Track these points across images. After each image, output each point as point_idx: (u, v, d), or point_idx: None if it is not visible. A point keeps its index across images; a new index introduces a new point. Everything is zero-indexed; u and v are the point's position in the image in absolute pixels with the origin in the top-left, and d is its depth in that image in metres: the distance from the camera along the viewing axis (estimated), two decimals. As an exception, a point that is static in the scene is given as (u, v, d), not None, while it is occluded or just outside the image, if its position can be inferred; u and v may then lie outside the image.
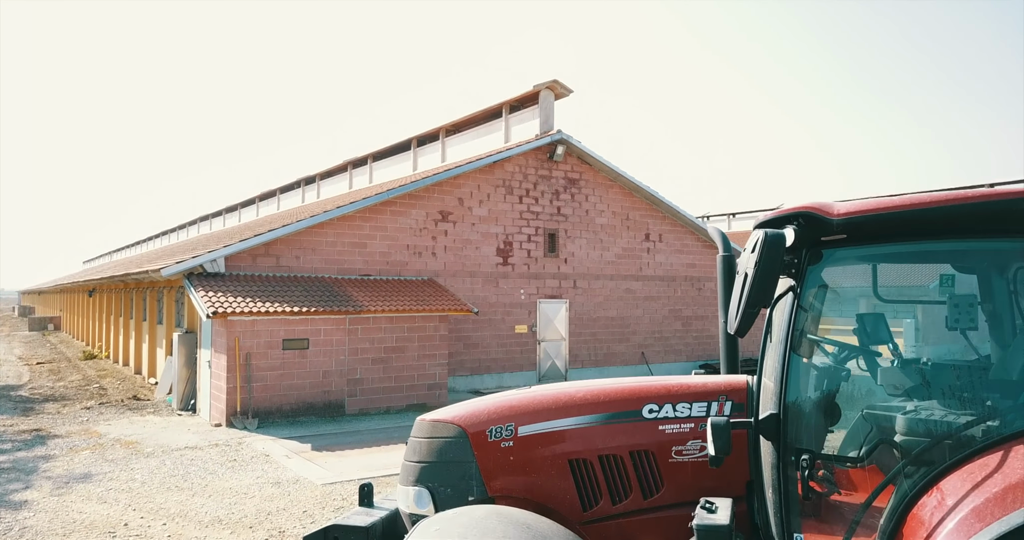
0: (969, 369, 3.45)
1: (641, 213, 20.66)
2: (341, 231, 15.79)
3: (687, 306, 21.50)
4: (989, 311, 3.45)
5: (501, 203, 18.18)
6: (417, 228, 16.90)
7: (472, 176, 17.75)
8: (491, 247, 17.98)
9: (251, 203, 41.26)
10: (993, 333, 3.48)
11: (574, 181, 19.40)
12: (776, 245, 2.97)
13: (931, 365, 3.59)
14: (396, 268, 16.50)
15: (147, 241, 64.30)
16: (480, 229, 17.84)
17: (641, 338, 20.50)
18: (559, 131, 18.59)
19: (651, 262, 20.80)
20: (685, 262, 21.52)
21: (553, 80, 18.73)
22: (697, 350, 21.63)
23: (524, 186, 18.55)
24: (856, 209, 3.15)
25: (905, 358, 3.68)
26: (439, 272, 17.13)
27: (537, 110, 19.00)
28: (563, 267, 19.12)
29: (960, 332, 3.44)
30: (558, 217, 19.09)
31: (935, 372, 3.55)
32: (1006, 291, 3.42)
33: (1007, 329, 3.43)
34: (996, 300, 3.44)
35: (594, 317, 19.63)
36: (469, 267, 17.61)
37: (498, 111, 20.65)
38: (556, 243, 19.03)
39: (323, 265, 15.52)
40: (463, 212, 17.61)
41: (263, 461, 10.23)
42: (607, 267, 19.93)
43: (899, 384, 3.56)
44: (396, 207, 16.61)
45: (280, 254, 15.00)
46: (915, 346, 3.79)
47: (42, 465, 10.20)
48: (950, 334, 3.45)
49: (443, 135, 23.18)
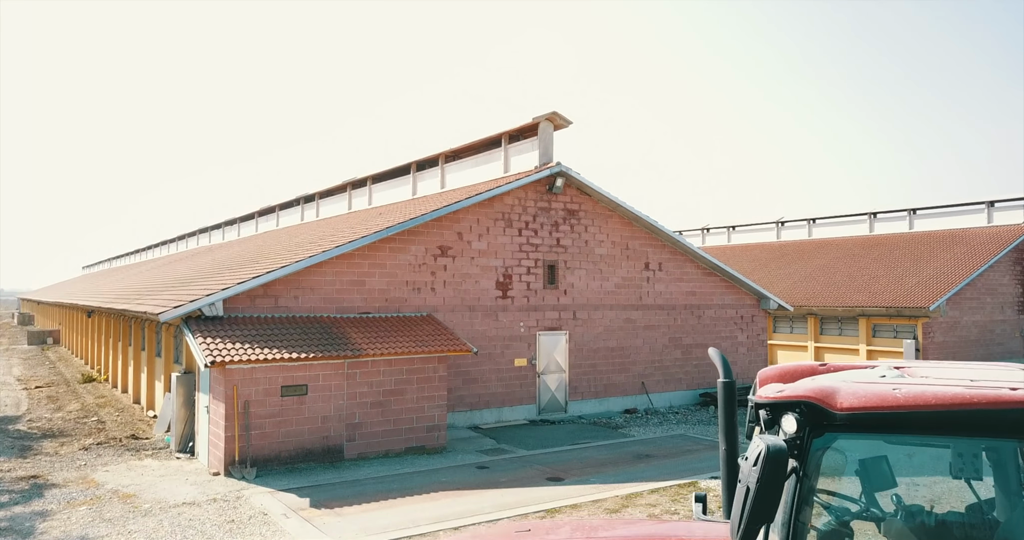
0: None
1: (640, 242, 20.62)
2: (340, 269, 15.75)
3: (687, 334, 21.46)
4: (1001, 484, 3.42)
5: (500, 236, 18.13)
6: (416, 264, 16.86)
7: (472, 210, 17.70)
8: (490, 280, 17.94)
9: (250, 218, 41.21)
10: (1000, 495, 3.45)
11: (573, 212, 19.36)
12: (779, 462, 2.92)
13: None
14: (395, 305, 16.45)
15: (147, 250, 64.27)
16: (479, 263, 17.79)
17: (641, 368, 20.45)
18: (559, 163, 18.54)
19: (651, 291, 20.76)
20: (685, 290, 21.48)
21: (553, 112, 18.69)
22: (697, 378, 21.58)
23: (524, 218, 18.51)
24: (860, 404, 3.10)
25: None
26: (438, 307, 17.08)
27: (536, 141, 18.96)
28: (563, 298, 19.08)
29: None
30: (557, 248, 19.04)
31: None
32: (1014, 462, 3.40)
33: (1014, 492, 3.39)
34: (1004, 468, 3.42)
35: (594, 348, 19.58)
36: (468, 301, 17.56)
37: (497, 140, 20.60)
38: (556, 274, 18.99)
39: (322, 304, 15.47)
40: (462, 246, 17.57)
41: (261, 523, 10.18)
42: (607, 297, 19.88)
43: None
44: (395, 243, 16.56)
45: (279, 294, 14.95)
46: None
47: (39, 525, 10.14)
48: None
49: (443, 161, 23.14)
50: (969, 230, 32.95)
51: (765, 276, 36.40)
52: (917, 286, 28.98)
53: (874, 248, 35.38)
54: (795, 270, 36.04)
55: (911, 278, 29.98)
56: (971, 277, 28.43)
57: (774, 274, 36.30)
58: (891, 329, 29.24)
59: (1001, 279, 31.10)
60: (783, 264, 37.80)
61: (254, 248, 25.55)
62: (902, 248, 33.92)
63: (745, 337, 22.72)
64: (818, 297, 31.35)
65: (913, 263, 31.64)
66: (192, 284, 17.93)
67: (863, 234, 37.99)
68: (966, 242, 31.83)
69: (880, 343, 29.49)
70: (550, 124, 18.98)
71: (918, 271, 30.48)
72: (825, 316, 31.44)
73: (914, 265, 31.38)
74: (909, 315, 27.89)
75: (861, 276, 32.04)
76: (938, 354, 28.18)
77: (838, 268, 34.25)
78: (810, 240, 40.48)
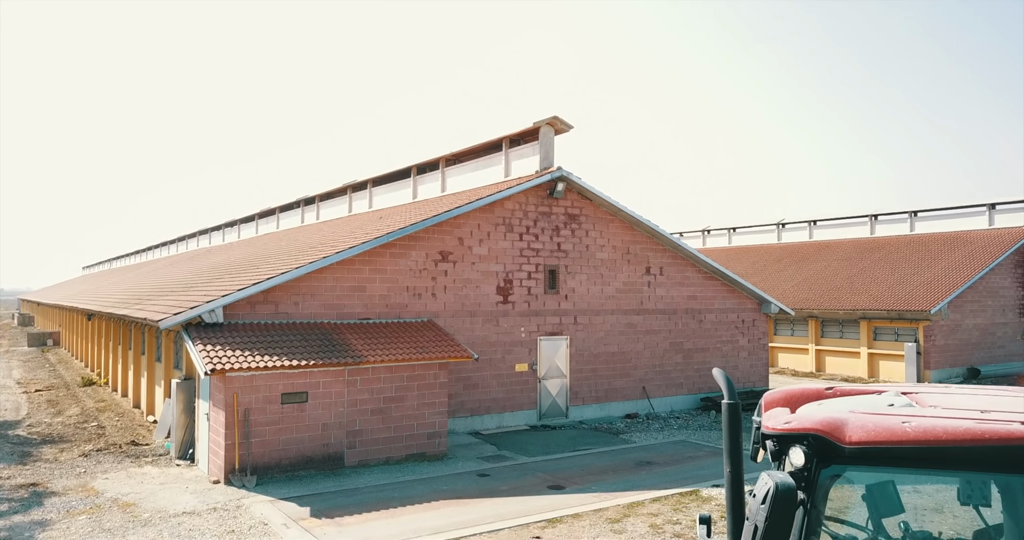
0: None
1: (642, 246, 20.57)
2: (340, 275, 15.71)
3: (688, 338, 21.41)
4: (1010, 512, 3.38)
5: (501, 241, 18.09)
6: (417, 269, 16.82)
7: (472, 216, 17.66)
8: (491, 286, 17.89)
9: (251, 220, 41.18)
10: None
11: (574, 217, 19.31)
12: (788, 500, 2.88)
13: None
14: (396, 310, 16.41)
15: (147, 251, 64.26)
16: (480, 268, 17.75)
17: (642, 372, 20.41)
18: (559, 168, 18.49)
19: (652, 296, 20.71)
20: (686, 294, 21.43)
21: (554, 116, 18.65)
22: (698, 382, 21.53)
23: (524, 223, 18.46)
24: (869, 438, 3.05)
25: None
26: (439, 313, 17.03)
27: (537, 146, 18.92)
28: (563, 303, 19.03)
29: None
30: (558, 253, 18.99)
31: None
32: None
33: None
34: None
35: (595, 353, 19.54)
36: (469, 307, 17.52)
37: (498, 144, 20.56)
38: (556, 279, 18.94)
39: (322, 310, 15.43)
40: (463, 251, 17.52)
41: (261, 533, 10.14)
42: (608, 302, 19.84)
43: None
44: (396, 249, 16.52)
45: (279, 300, 14.91)
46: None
47: (39, 535, 10.10)
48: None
49: (443, 165, 23.10)
50: (971, 232, 32.89)
51: (766, 279, 36.35)
52: (918, 289, 28.93)
53: (875, 251, 35.34)
54: (796, 273, 36.00)
55: (912, 281, 29.93)
56: (973, 280, 28.38)
57: (775, 277, 36.26)
58: (892, 332, 29.21)
59: (1003, 282, 31.05)
60: (784, 266, 37.76)
61: (254, 252, 25.52)
62: (903, 251, 33.87)
63: (746, 341, 22.68)
64: (819, 300, 31.32)
65: (914, 266, 31.61)
66: (192, 289, 17.88)
67: (864, 236, 37.93)
68: (968, 245, 31.76)
69: (881, 346, 29.46)
70: (551, 128, 18.94)
71: (919, 274, 30.43)
72: (826, 319, 31.41)
73: (915, 268, 31.34)
74: (910, 318, 27.85)
75: (862, 279, 32.00)
76: (939, 357, 28.13)
77: (839, 271, 34.20)
78: (811, 242, 40.43)
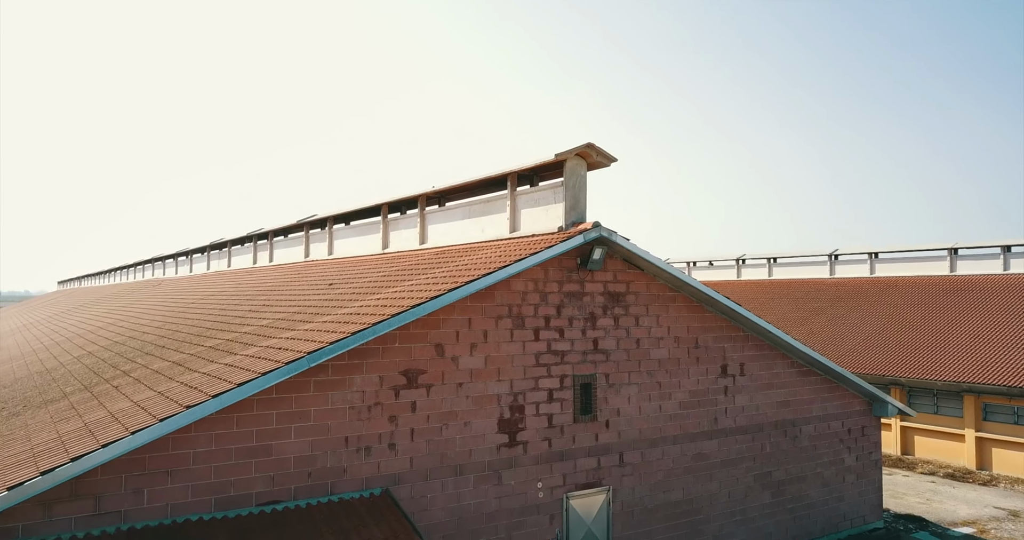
0: None
1: (715, 335, 13.81)
2: (222, 432, 8.94)
3: (779, 465, 14.63)
4: None
5: (506, 343, 11.33)
6: (364, 406, 10.04)
7: (460, 307, 10.91)
8: (490, 419, 11.12)
9: (203, 251, 34.44)
10: None
11: (618, 297, 12.55)
12: None
13: None
14: (326, 480, 9.62)
15: (114, 272, 57.87)
16: (471, 391, 10.98)
17: (716, 526, 13.61)
18: (597, 224, 11.76)
19: (730, 407, 13.94)
20: (776, 400, 14.66)
21: (587, 144, 11.94)
22: (793, 528, 14.74)
23: (542, 311, 11.70)
24: None
25: None
26: (402, 475, 10.25)
27: (561, 189, 12.20)
28: (603, 434, 12.26)
29: None
30: (595, 355, 12.22)
31: None
32: None
33: None
34: None
35: (649, 507, 12.75)
36: (452, 458, 10.74)
37: (501, 180, 13.90)
38: (592, 397, 12.17)
39: (190, 496, 8.65)
40: (443, 367, 10.76)
41: None
42: (668, 424, 13.08)
43: None
44: (328, 375, 9.74)
45: (102, 492, 8.13)
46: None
47: None
48: None
49: (423, 205, 16.38)
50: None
51: (824, 326, 29.57)
52: (1052, 359, 22.12)
53: (958, 293, 28.51)
54: (861, 322, 29.13)
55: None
56: None
57: (835, 326, 29.42)
58: (1010, 412, 22.41)
59: None
60: (845, 311, 30.89)
61: (111, 365, 18.73)
62: (995, 295, 27.07)
63: (854, 459, 15.89)
64: (902, 364, 24.48)
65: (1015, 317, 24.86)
66: None
67: (942, 273, 31.14)
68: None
69: (994, 429, 22.67)
70: (582, 162, 12.22)
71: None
72: (913, 387, 24.59)
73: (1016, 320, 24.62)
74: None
75: (955, 334, 25.20)
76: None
77: (915, 319, 27.38)
78: (873, 278, 33.60)
